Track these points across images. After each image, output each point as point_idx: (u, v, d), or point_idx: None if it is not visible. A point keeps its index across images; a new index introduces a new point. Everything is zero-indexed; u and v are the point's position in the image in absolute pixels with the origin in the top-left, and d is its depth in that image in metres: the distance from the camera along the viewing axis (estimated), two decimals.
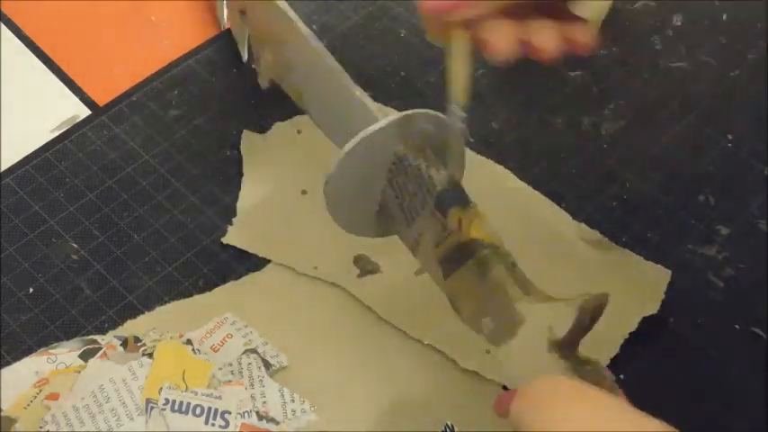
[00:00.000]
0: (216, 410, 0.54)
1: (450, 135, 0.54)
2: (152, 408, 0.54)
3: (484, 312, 0.51)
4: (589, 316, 0.46)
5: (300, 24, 0.62)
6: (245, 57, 0.71)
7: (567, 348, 0.47)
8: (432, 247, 0.53)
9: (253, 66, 0.70)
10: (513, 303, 0.49)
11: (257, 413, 0.55)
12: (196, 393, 0.55)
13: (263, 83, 0.68)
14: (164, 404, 0.54)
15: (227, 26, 0.73)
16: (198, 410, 0.54)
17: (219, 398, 0.55)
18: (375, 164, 0.55)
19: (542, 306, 0.48)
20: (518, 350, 0.48)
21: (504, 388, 0.58)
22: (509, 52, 0.48)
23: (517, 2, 0.48)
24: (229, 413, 0.54)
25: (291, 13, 0.63)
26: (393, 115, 0.54)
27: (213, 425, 0.54)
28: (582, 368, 0.47)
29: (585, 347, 0.49)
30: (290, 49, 0.64)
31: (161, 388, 0.55)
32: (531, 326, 0.48)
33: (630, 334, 0.59)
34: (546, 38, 0.49)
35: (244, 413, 0.55)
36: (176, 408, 0.54)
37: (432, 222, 0.53)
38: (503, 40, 0.48)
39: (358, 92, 0.58)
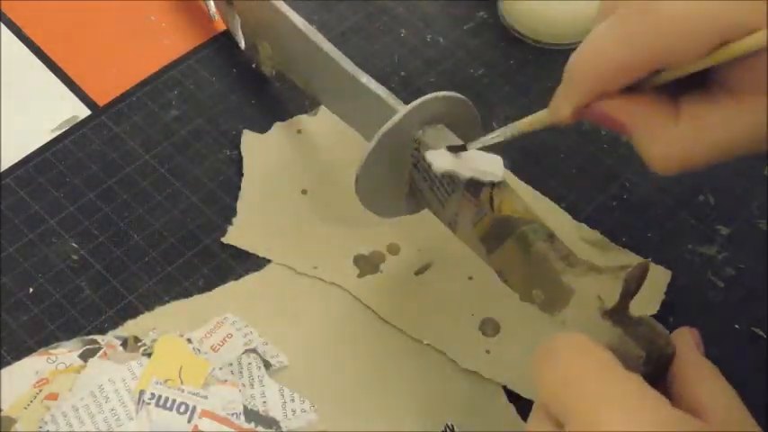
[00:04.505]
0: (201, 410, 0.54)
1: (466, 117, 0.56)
2: (143, 400, 0.54)
3: (532, 285, 0.51)
4: (635, 283, 0.47)
5: (294, 16, 0.62)
6: (242, 43, 0.71)
7: (617, 314, 0.47)
8: (471, 227, 0.54)
9: (251, 59, 0.70)
10: (560, 276, 0.49)
11: (247, 414, 0.55)
12: (183, 391, 0.55)
13: (268, 71, 0.68)
14: (149, 398, 0.54)
15: (216, 16, 0.73)
16: (182, 408, 0.54)
17: (206, 397, 0.55)
18: (399, 152, 0.56)
19: (587, 277, 0.49)
20: (571, 320, 0.49)
21: (504, 388, 0.58)
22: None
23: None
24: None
25: (283, 6, 0.63)
26: (410, 103, 0.55)
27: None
28: (636, 329, 0.46)
29: None
30: (288, 41, 0.64)
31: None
32: (580, 295, 0.49)
33: None
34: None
35: (232, 415, 0.55)
36: (161, 403, 0.54)
37: (465, 203, 0.54)
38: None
39: (364, 78, 0.59)
